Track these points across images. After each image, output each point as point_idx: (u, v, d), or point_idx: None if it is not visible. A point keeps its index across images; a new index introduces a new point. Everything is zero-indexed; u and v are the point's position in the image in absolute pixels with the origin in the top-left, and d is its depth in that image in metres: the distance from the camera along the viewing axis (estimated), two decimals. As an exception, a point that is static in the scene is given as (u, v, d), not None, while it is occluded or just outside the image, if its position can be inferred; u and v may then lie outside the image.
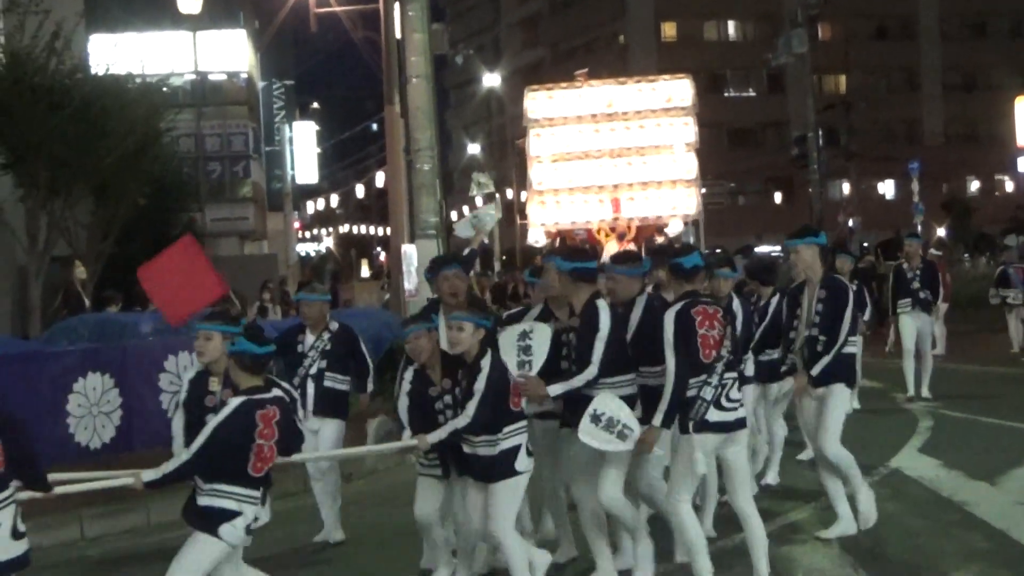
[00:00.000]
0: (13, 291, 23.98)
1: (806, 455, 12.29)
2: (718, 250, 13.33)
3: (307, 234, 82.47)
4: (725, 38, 77.68)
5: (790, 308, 10.01)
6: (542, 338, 8.51)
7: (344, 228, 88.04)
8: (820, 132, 48.22)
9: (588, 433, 8.04)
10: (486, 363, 7.94)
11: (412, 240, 19.24)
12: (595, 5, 78.46)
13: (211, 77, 49.32)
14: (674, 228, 25.89)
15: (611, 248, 25.24)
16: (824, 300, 9.59)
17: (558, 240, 26.85)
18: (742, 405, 8.43)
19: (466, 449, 8.08)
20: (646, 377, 8.57)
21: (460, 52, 63.98)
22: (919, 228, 45.11)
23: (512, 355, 8.39)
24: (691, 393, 8.07)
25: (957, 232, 60.75)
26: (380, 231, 78.51)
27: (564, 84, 28.14)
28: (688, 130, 26.14)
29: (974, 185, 78.98)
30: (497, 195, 58.40)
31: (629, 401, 8.33)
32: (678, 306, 8.20)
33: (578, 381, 8.30)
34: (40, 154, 21.04)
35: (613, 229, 26.14)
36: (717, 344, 8.14)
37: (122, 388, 13.30)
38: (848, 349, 9.84)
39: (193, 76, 47.40)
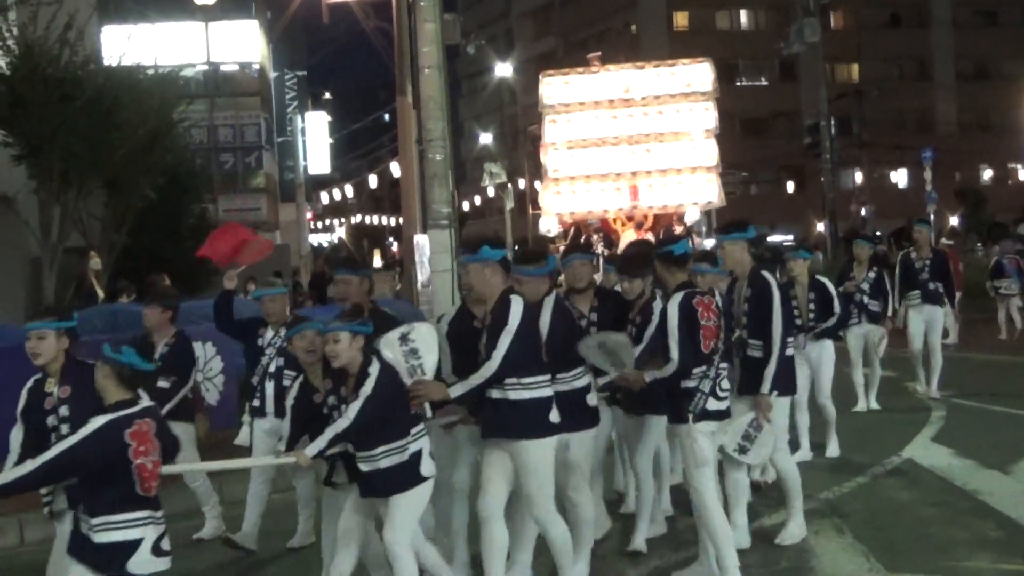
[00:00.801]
0: (27, 282, 24.04)
1: (800, 455, 12.26)
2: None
3: (319, 224, 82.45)
4: (737, 27, 77.52)
5: (726, 307, 9.24)
6: (425, 337, 7.79)
7: (356, 218, 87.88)
8: (832, 121, 48.15)
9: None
10: (374, 369, 7.36)
11: (425, 230, 19.23)
12: (607, -7, 78.41)
13: (223, 68, 49.48)
14: (691, 216, 25.57)
15: (628, 237, 25.02)
16: (750, 299, 9.12)
17: (572, 229, 26.64)
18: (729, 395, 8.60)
19: (365, 467, 7.44)
20: (560, 384, 8.07)
21: (472, 42, 63.89)
22: (932, 217, 45.13)
23: (400, 361, 7.61)
24: (691, 384, 8.13)
25: (970, 221, 60.64)
26: (392, 221, 78.44)
27: (580, 69, 27.68)
28: (708, 116, 25.72)
29: (987, 174, 78.74)
30: (509, 185, 58.58)
31: (544, 404, 7.68)
32: (679, 296, 8.21)
33: (477, 378, 7.53)
34: (53, 145, 21.05)
35: (630, 218, 25.82)
36: (715, 335, 8.23)
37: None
38: (788, 351, 9.15)
39: (205, 67, 47.48)
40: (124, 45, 24.68)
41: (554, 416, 7.68)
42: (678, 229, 25.21)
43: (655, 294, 9.04)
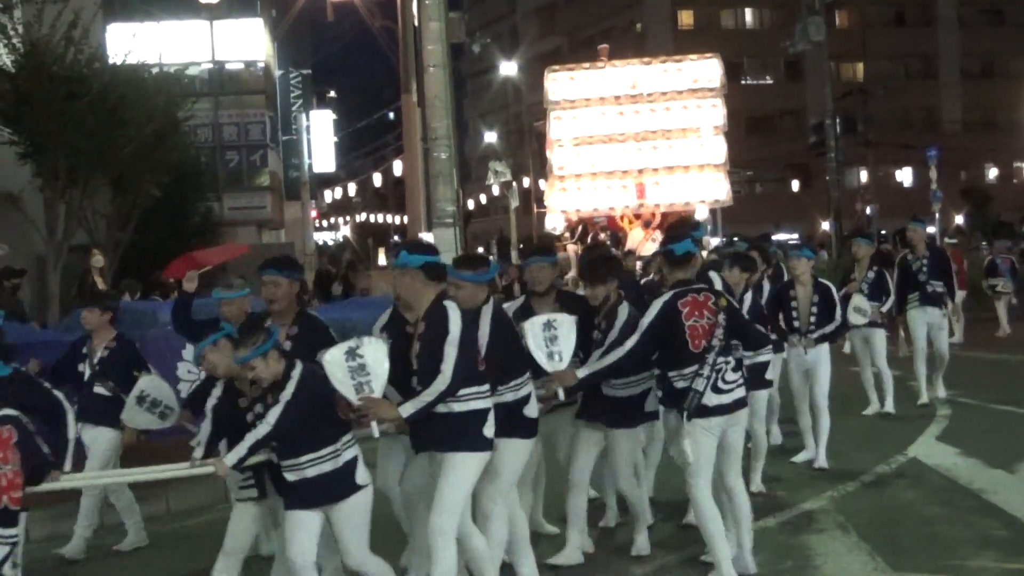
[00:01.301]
0: (32, 280, 24.06)
1: (802, 457, 12.26)
2: (735, 239, 13.38)
3: (324, 223, 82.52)
4: (742, 26, 77.49)
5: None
6: (375, 353, 7.29)
7: (361, 217, 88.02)
8: (838, 119, 48.00)
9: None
10: (296, 372, 7.12)
11: (429, 228, 19.21)
12: (612, -8, 78.44)
13: (228, 66, 49.47)
14: (700, 214, 25.32)
15: (635, 235, 24.92)
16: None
17: (579, 227, 26.52)
18: (740, 385, 8.36)
19: (292, 477, 7.20)
20: (503, 393, 7.78)
21: (477, 40, 63.78)
22: (937, 216, 45.12)
23: (346, 379, 7.15)
24: (682, 384, 8.12)
25: (975, 220, 60.53)
26: (397, 219, 78.53)
27: (586, 65, 27.41)
28: (716, 112, 25.44)
29: (992, 172, 78.60)
30: (514, 183, 58.40)
31: (480, 417, 7.40)
32: (666, 296, 8.23)
33: (429, 395, 7.16)
34: (58, 143, 21.08)
35: (638, 216, 25.61)
36: (707, 333, 8.12)
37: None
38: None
39: (210, 65, 47.53)
40: (129, 43, 24.71)
41: (488, 431, 7.42)
42: (688, 228, 25.08)
43: (621, 297, 8.82)
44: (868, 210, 57.78)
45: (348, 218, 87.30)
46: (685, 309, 8.11)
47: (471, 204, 68.91)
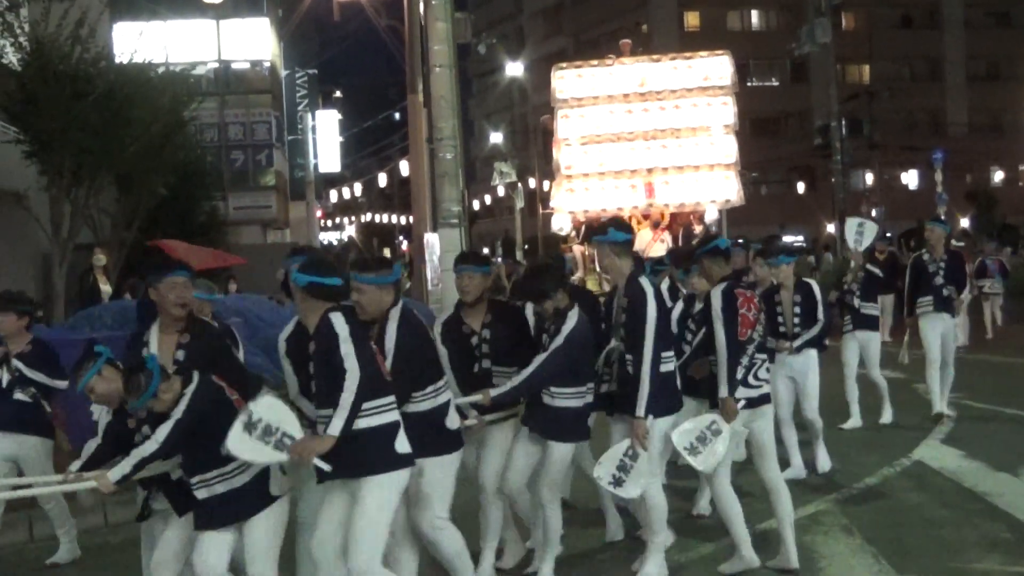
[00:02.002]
0: (37, 279, 24.09)
1: (788, 474, 12.21)
2: (740, 240, 13.29)
3: (329, 223, 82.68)
4: (748, 27, 77.51)
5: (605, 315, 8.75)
6: (269, 409, 6.63)
7: (367, 217, 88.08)
8: (843, 122, 48.03)
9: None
10: (189, 389, 6.71)
11: (435, 229, 19.25)
12: (619, -7, 78.48)
13: (234, 66, 49.54)
14: (710, 215, 25.12)
15: (644, 236, 24.75)
16: (627, 309, 8.22)
17: (584, 228, 26.36)
18: (768, 383, 8.59)
19: (202, 494, 6.79)
20: (417, 402, 7.43)
21: (483, 41, 63.69)
22: (943, 217, 45.07)
23: (261, 448, 6.54)
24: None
25: (981, 223, 60.52)
26: (403, 220, 78.56)
27: (594, 62, 27.05)
28: (727, 110, 25.06)
29: (998, 175, 78.54)
30: (519, 184, 58.46)
31: (387, 432, 6.84)
32: (723, 285, 8.37)
33: (347, 398, 6.58)
34: (64, 142, 21.09)
35: (646, 216, 25.34)
36: (752, 325, 8.34)
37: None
38: (666, 367, 8.26)
39: (217, 65, 47.55)
40: (136, 42, 24.72)
41: (402, 445, 6.87)
42: (697, 228, 24.82)
43: (573, 303, 8.40)
44: (874, 212, 57.73)
45: (353, 218, 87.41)
46: (740, 298, 8.29)
47: (476, 205, 68.89)
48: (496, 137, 76.16)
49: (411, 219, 28.78)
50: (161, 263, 7.87)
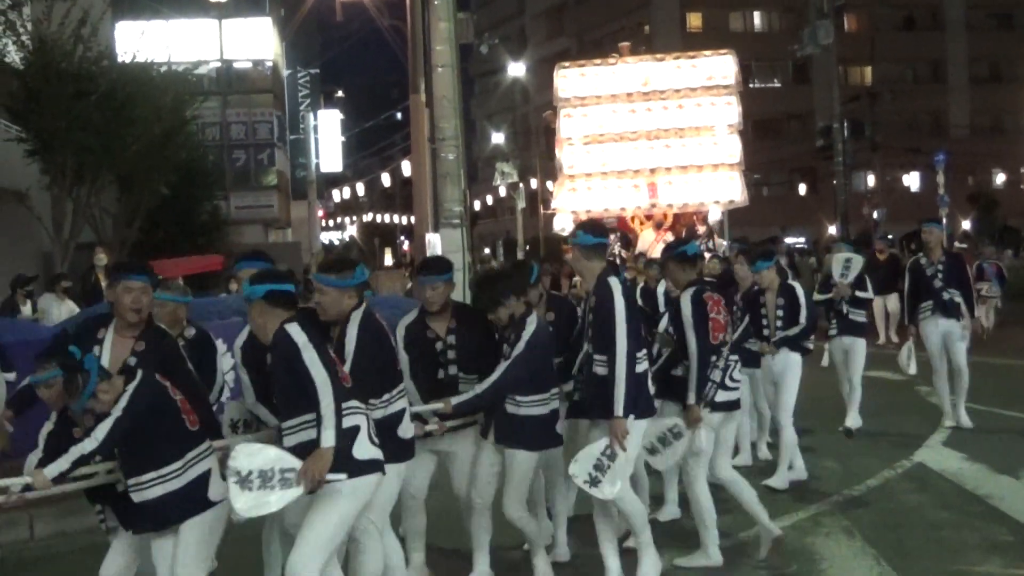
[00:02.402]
0: (39, 278, 24.10)
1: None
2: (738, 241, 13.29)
3: (331, 222, 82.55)
4: (751, 29, 77.45)
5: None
6: (253, 453, 6.44)
7: (368, 217, 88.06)
8: (845, 123, 47.98)
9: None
10: (130, 387, 6.50)
11: (436, 229, 19.21)
12: (621, -6, 78.46)
13: (237, 65, 49.61)
14: (714, 215, 25.01)
15: (647, 237, 24.69)
16: (594, 310, 8.04)
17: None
18: (739, 386, 8.92)
19: (136, 498, 6.61)
20: (374, 408, 7.20)
21: (485, 41, 63.70)
22: (944, 220, 45.04)
23: (264, 496, 6.36)
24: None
25: (982, 225, 60.53)
26: (404, 220, 78.52)
27: (597, 61, 26.91)
28: (731, 110, 24.89)
29: (1000, 178, 78.51)
30: (521, 184, 58.38)
31: (349, 435, 6.56)
32: (691, 290, 8.53)
33: (327, 408, 6.41)
34: (66, 141, 21.14)
35: (649, 216, 25.26)
36: (723, 328, 8.51)
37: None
38: (640, 367, 8.03)
39: (219, 64, 47.59)
40: (138, 42, 24.78)
41: (361, 451, 6.65)
42: (701, 228, 24.76)
43: (530, 310, 8.30)
44: (876, 214, 57.75)
45: (355, 218, 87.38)
46: (709, 302, 8.44)
47: (478, 205, 68.84)
48: (498, 137, 76.20)
49: (413, 219, 28.79)
50: (120, 265, 7.66)
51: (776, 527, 8.88)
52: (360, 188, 69.86)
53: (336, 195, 74.47)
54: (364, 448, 6.62)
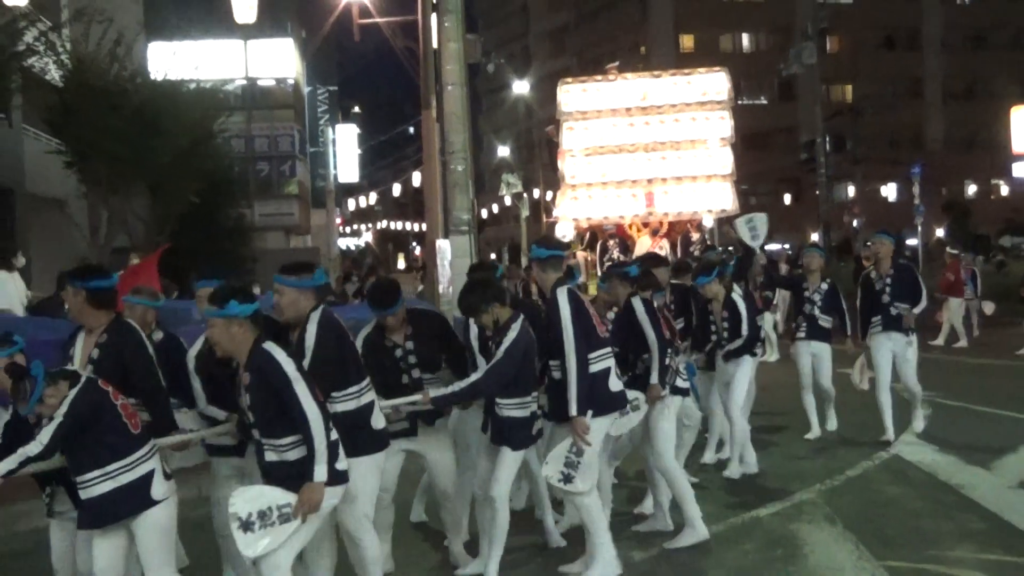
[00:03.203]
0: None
1: (812, 435, 12.37)
2: (730, 248, 13.21)
3: (348, 229, 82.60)
4: (740, 49, 77.40)
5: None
6: (248, 498, 6.34)
7: (382, 224, 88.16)
8: (828, 137, 48.05)
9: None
10: (72, 392, 6.38)
11: (446, 235, 19.22)
12: (618, 17, 78.42)
13: (260, 82, 49.57)
14: (707, 223, 25.04)
15: (644, 243, 24.68)
16: (546, 319, 8.08)
17: (588, 235, 26.27)
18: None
19: (83, 494, 6.48)
20: (342, 402, 7.09)
21: (492, 61, 63.55)
22: (920, 228, 45.04)
23: (266, 536, 6.29)
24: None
25: (955, 233, 60.49)
26: (416, 227, 78.60)
27: (598, 77, 27.00)
28: (723, 124, 24.96)
29: (972, 188, 78.52)
30: (525, 194, 58.21)
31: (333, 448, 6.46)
32: (637, 297, 9.08)
33: (318, 441, 6.29)
34: (102, 153, 21.17)
35: (646, 224, 25.28)
36: (669, 328, 9.35)
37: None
38: (596, 367, 8.02)
39: (244, 81, 47.52)
40: (169, 60, 24.79)
41: (340, 463, 6.54)
42: (695, 235, 24.77)
43: (516, 315, 8.04)
44: (855, 223, 57.67)
45: (370, 225, 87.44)
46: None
47: (484, 213, 68.96)
48: (503, 150, 76.23)
49: (424, 226, 28.75)
50: (74, 270, 7.43)
51: (705, 531, 8.78)
52: (375, 197, 70.00)
53: (352, 203, 74.54)
54: (342, 462, 6.51)
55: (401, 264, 78.81)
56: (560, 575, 8.31)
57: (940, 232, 63.90)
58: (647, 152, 25.08)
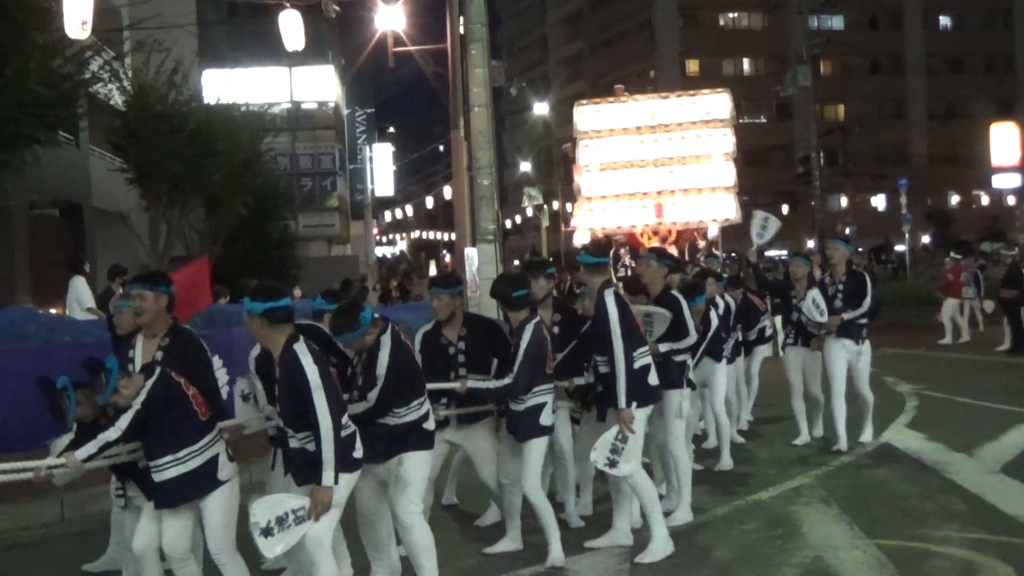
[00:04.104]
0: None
1: (800, 440, 12.26)
2: (732, 254, 13.02)
3: (384, 239, 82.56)
4: (741, 73, 77.20)
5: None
6: (268, 506, 6.31)
7: (415, 234, 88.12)
8: (821, 153, 47.80)
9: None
10: (149, 383, 6.41)
11: (474, 244, 19.23)
12: (629, 46, 78.48)
13: (304, 106, 49.79)
14: (712, 231, 25.02)
15: (653, 250, 24.66)
16: (594, 319, 8.05)
17: (603, 243, 26.22)
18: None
19: (156, 477, 6.50)
20: (399, 416, 7.09)
21: (515, 85, 63.47)
22: (907, 235, 44.84)
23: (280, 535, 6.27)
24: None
25: (939, 240, 60.23)
26: (446, 236, 78.49)
27: (611, 99, 27.09)
28: (726, 140, 24.91)
29: (954, 199, 78.22)
30: (545, 206, 57.87)
31: (351, 440, 6.46)
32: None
33: (327, 444, 6.18)
34: (161, 171, 21.24)
35: (656, 232, 25.29)
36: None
37: (229, 368, 13.33)
38: (638, 363, 7.97)
39: (289, 105, 47.76)
40: (221, 86, 24.87)
41: (357, 453, 6.50)
42: (701, 243, 24.75)
43: (533, 314, 8.01)
44: (848, 230, 57.49)
45: (404, 235, 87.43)
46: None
47: (508, 224, 68.83)
48: (525, 166, 76.19)
49: (453, 236, 28.75)
50: (151, 276, 7.27)
51: (670, 539, 8.17)
52: (409, 209, 69.98)
53: (388, 215, 74.58)
54: (359, 450, 6.51)
55: (433, 270, 78.79)
56: (587, 549, 8.26)
57: (925, 239, 63.56)
58: (656, 167, 25.05)
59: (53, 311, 18.22)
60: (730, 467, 11.06)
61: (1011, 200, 61.00)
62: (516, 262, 64.38)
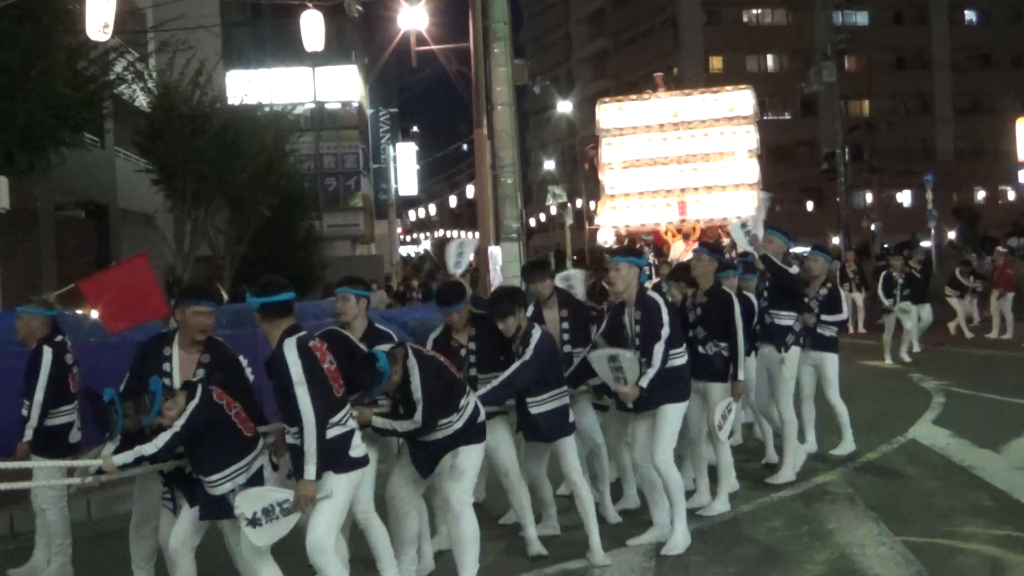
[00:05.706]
0: (162, 287, 24.36)
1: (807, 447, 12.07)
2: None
3: (408, 238, 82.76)
4: (765, 69, 76.95)
5: (611, 323, 8.35)
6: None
7: (439, 232, 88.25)
8: (847, 149, 47.67)
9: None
10: (191, 405, 6.42)
11: (497, 242, 19.23)
12: (653, 42, 78.26)
13: (328, 106, 49.92)
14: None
15: (677, 247, 24.62)
16: (640, 320, 8.00)
17: (627, 240, 26.25)
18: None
19: (209, 491, 6.51)
20: (443, 428, 7.17)
21: (538, 83, 63.39)
22: (932, 231, 44.59)
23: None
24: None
25: (966, 235, 59.86)
26: (470, 235, 78.45)
27: (633, 96, 27.12)
28: (750, 137, 24.92)
29: (980, 194, 77.73)
30: (569, 204, 57.86)
31: (347, 438, 6.47)
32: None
33: (309, 445, 6.17)
34: (186, 171, 21.34)
35: (679, 230, 25.30)
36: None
37: (254, 367, 13.37)
38: (674, 363, 8.02)
39: (313, 105, 47.90)
40: (245, 87, 24.98)
41: (356, 451, 6.50)
42: (725, 240, 24.71)
43: (532, 323, 8.03)
44: (873, 227, 57.20)
45: (428, 234, 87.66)
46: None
47: (532, 222, 68.89)
48: (549, 164, 76.12)
49: (477, 234, 28.73)
50: (189, 290, 7.33)
51: (688, 534, 8.21)
52: (432, 208, 70.10)
53: (412, 214, 74.77)
54: (358, 448, 6.51)
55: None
56: (630, 547, 8.25)
57: (952, 235, 63.16)
58: (679, 164, 25.04)
59: (79, 312, 18.30)
60: (775, 461, 10.77)
61: (1038, 195, 60.67)
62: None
